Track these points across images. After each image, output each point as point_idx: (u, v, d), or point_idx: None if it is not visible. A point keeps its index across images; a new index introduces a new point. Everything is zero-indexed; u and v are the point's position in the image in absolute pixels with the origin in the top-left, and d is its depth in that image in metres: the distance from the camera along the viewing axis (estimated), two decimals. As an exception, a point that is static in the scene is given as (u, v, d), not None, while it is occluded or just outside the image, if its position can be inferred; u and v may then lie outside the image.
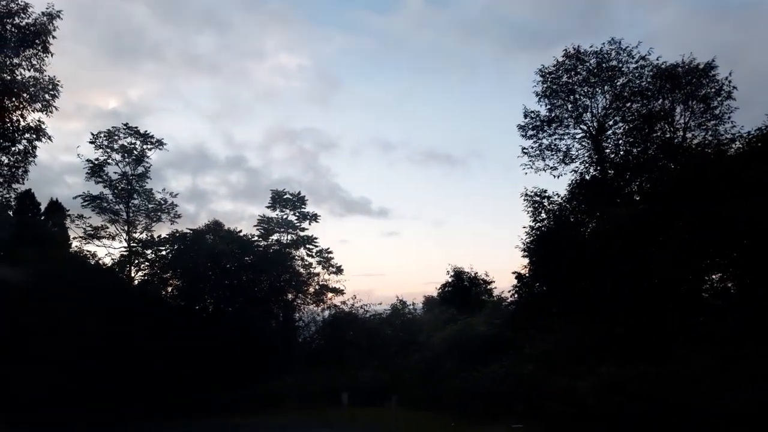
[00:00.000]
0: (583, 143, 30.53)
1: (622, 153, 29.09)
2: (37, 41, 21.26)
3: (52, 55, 21.80)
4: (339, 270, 41.32)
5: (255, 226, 41.54)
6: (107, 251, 39.02)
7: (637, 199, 26.88)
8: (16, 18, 21.08)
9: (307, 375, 31.58)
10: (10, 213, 24.05)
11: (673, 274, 17.57)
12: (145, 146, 39.46)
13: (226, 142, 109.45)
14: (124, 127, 38.84)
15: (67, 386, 28.16)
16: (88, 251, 37.92)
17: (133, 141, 39.15)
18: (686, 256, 17.31)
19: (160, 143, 39.86)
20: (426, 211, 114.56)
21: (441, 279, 42.64)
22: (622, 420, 14.68)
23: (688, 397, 13.75)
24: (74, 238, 38.25)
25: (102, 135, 38.53)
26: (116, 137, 38.71)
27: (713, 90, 27.60)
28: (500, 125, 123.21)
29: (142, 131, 39.21)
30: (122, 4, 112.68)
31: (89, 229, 38.54)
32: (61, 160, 79.47)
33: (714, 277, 19.93)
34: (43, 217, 37.82)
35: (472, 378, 22.02)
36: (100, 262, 37.73)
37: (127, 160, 39.18)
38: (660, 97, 28.65)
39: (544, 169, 30.57)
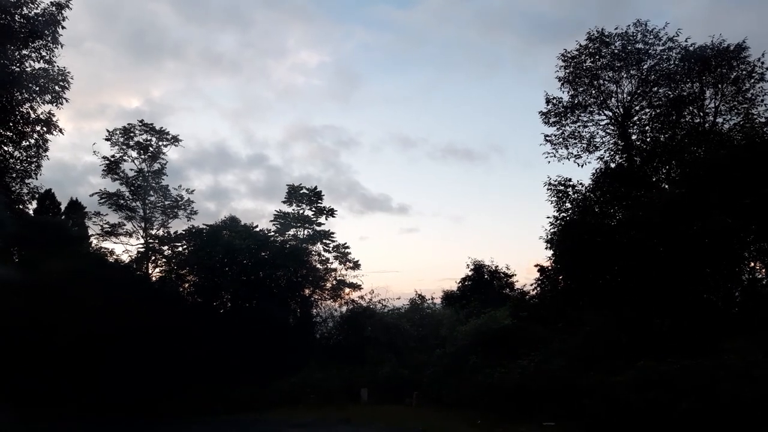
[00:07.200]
0: (608, 130, 29.59)
1: (649, 140, 28.03)
2: (46, 32, 20.80)
3: (61, 46, 21.39)
4: (356, 265, 40.80)
5: (272, 221, 41.20)
6: (124, 248, 39.03)
7: (666, 187, 25.92)
8: (24, 8, 20.66)
9: (326, 371, 31.11)
10: (20, 207, 23.68)
11: (715, 261, 16.58)
12: (160, 143, 39.34)
13: (246, 141, 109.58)
14: (140, 124, 38.71)
15: (87, 382, 28.05)
16: (105, 248, 37.92)
17: (149, 138, 39.03)
18: (727, 241, 16.31)
19: (175, 140, 39.69)
20: (446, 207, 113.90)
21: (458, 275, 42.01)
22: (664, 417, 13.81)
23: (739, 391, 12.83)
24: (92, 235, 38.31)
25: (118, 132, 38.47)
26: (132, 134, 38.59)
27: (745, 72, 26.50)
28: (521, 120, 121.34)
29: (158, 128, 39.12)
30: (145, 3, 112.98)
31: (106, 226, 38.53)
32: (84, 161, 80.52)
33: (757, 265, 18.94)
34: (63, 216, 37.86)
35: (499, 373, 21.21)
36: (118, 259, 37.69)
37: (142, 156, 39.07)
38: (688, 80, 27.54)
39: (567, 158, 29.83)
